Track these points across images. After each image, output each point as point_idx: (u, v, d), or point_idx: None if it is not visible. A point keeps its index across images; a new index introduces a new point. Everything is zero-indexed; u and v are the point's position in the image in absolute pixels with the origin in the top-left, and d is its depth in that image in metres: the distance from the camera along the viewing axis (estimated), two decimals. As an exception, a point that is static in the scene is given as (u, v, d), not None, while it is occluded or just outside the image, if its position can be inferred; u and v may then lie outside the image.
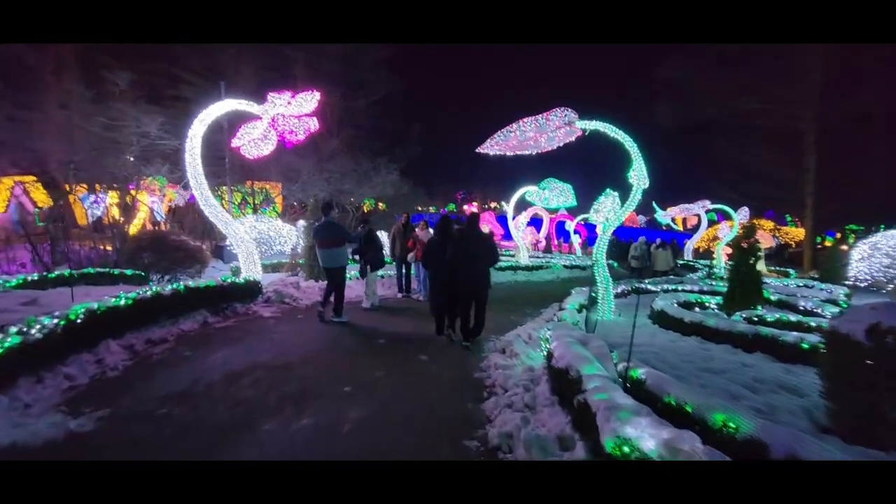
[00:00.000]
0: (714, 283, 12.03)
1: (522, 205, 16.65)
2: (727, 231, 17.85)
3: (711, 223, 21.18)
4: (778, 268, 19.65)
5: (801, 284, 12.50)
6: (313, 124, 8.44)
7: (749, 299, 6.97)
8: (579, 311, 6.81)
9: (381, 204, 34.00)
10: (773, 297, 8.48)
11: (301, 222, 11.90)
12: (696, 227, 23.43)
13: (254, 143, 8.33)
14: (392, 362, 4.93)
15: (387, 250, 10.53)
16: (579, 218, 26.26)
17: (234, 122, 10.06)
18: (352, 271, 8.40)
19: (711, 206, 17.80)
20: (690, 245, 21.82)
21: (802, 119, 18.50)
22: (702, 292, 9.23)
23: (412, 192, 27.29)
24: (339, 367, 4.74)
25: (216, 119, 8.70)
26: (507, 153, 7.08)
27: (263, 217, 11.84)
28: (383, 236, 11.77)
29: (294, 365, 4.71)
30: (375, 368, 4.69)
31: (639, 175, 6.75)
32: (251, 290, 7.53)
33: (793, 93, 18.38)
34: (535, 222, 22.42)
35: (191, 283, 6.19)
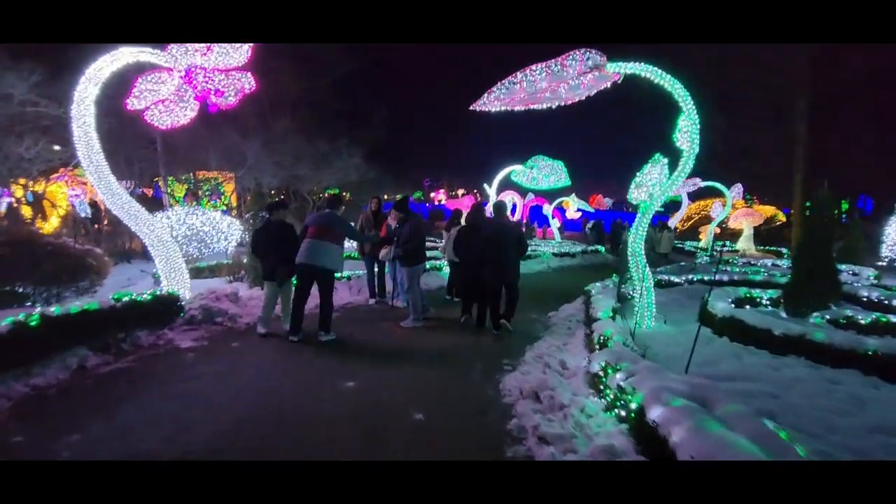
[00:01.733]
0: (735, 268, 10.71)
1: (506, 187, 14.94)
2: (720, 210, 16.74)
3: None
4: (766, 247, 18.80)
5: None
6: (248, 82, 6.33)
7: (823, 296, 5.46)
8: (613, 317, 5.13)
9: (346, 193, 31.85)
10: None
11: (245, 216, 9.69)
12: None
13: (165, 106, 6.13)
14: (380, 431, 3.06)
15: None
16: (557, 202, 24.90)
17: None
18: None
19: (703, 184, 16.59)
20: (672, 226, 20.78)
21: (794, 89, 17.51)
22: (744, 284, 7.74)
23: (379, 178, 25.07)
24: (293, 452, 2.83)
25: (114, 76, 6.39)
26: (515, 108, 5.24)
27: (198, 209, 9.57)
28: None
29: (214, 452, 2.77)
30: (370, 447, 2.82)
31: (692, 136, 5.09)
32: (165, 309, 5.43)
33: (784, 61, 17.30)
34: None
35: (53, 310, 4.06)
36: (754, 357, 4.41)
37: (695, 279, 8.11)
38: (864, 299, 6.41)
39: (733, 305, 5.63)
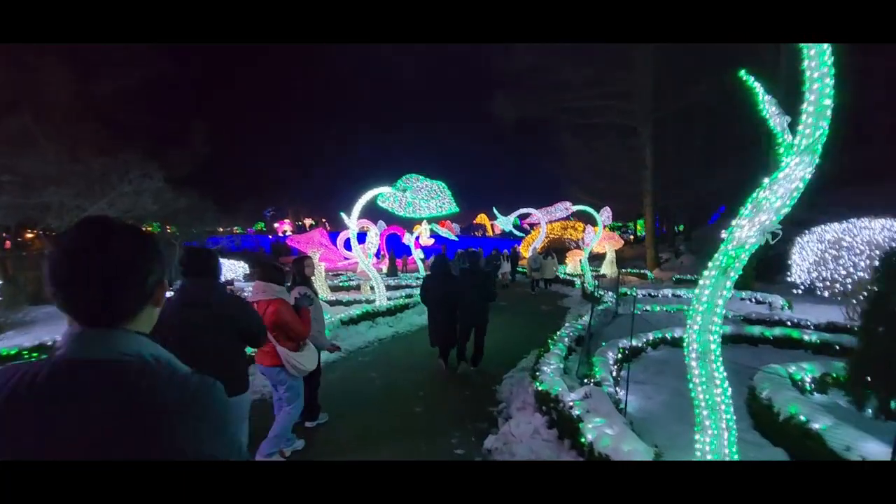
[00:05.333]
0: (641, 305, 9.09)
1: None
2: (592, 235, 16.12)
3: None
4: (630, 269, 19.00)
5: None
6: None
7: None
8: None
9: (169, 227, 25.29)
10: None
11: None
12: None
13: None
14: None
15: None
16: (420, 230, 22.48)
17: None
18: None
19: (574, 208, 15.79)
20: (532, 252, 20.02)
21: (639, 115, 18.29)
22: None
23: (194, 207, 19.52)
24: None
25: None
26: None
27: None
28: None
29: None
30: None
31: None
32: None
33: (630, 88, 17.95)
34: (361, 237, 17.19)
35: None
36: None
37: (653, 339, 5.92)
38: None
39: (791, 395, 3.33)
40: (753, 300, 9.62)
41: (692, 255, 22.27)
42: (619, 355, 5.08)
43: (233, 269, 12.94)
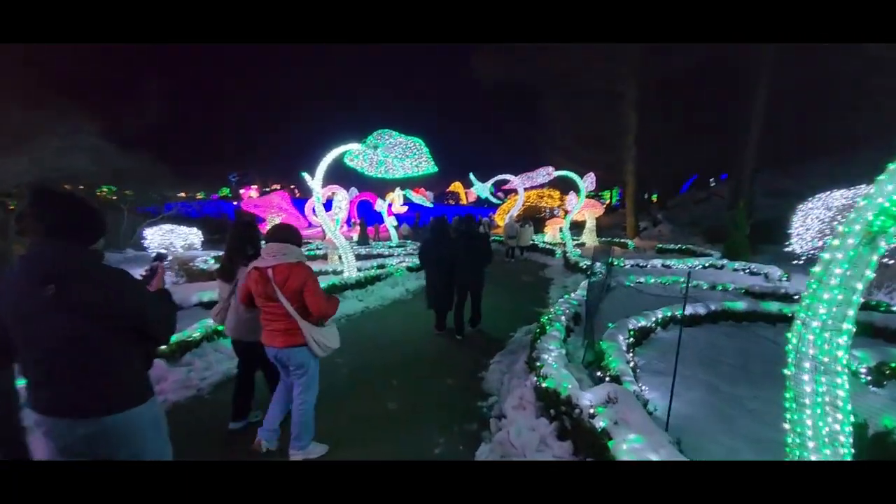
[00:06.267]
0: (633, 276, 8.46)
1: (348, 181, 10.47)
2: (574, 202, 15.37)
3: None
4: (612, 238, 18.50)
5: (707, 265, 10.09)
6: None
7: None
8: None
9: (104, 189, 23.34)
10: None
11: None
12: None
13: None
14: None
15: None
16: (393, 196, 21.30)
17: None
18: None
19: (556, 173, 14.94)
20: (508, 220, 19.21)
21: (624, 79, 17.37)
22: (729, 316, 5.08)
23: (145, 170, 17.68)
24: None
25: None
26: None
27: None
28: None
29: None
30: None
31: None
32: None
33: (614, 52, 16.92)
34: (328, 205, 15.61)
35: None
36: None
37: (663, 317, 5.17)
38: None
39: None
40: (747, 271, 9.12)
41: (670, 224, 22.04)
42: (631, 338, 4.34)
43: (182, 237, 11.56)
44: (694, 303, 5.71)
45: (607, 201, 39.77)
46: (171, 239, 11.40)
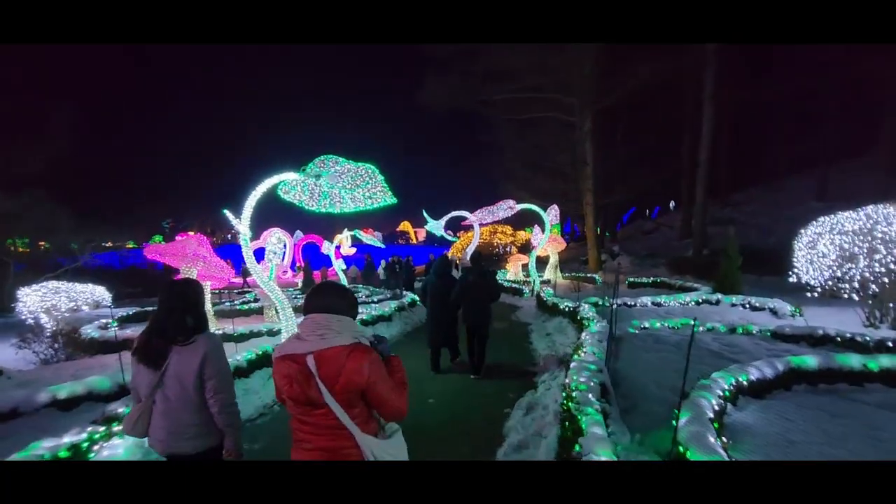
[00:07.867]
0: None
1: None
2: (539, 236, 14.35)
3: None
4: (576, 273, 17.61)
5: (701, 301, 9.09)
6: None
7: None
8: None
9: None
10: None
11: None
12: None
13: None
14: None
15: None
16: (341, 238, 19.41)
17: None
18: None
19: (519, 207, 13.93)
20: (465, 258, 18.04)
21: (578, 107, 17.06)
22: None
23: (37, 215, 14.95)
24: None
25: None
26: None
27: None
28: None
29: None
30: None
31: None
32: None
33: (570, 81, 16.65)
34: (260, 253, 13.05)
35: None
36: None
37: (726, 385, 3.81)
38: None
39: None
40: (747, 305, 8.19)
41: (627, 256, 21.72)
42: (715, 423, 2.89)
43: (73, 296, 9.05)
44: (738, 357, 4.42)
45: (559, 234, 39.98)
46: (53, 300, 8.92)
